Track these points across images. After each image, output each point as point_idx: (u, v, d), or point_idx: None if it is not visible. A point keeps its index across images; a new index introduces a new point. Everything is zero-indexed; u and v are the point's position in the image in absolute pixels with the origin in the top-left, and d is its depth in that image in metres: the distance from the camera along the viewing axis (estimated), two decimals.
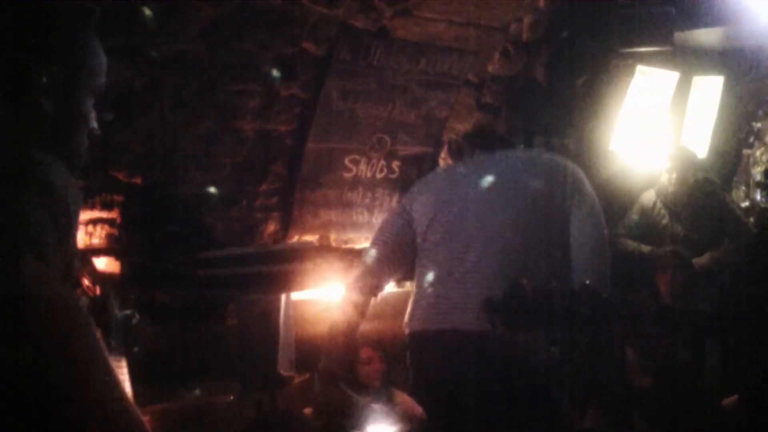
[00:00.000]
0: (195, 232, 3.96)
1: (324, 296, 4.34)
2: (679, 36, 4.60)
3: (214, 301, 4.13)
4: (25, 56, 1.35)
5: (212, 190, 4.00)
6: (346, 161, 4.34)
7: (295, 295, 4.20)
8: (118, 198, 3.72)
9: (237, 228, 4.11)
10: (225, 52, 3.71)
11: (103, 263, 3.77)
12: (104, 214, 3.72)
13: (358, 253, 4.48)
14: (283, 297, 4.13)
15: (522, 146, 3.89)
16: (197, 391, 4.02)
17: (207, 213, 4.00)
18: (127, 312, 2.68)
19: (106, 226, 3.76)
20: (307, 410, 3.86)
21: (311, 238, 4.32)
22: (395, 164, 4.52)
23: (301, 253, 4.12)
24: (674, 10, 4.42)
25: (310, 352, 4.10)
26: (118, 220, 3.76)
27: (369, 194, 4.47)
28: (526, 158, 3.12)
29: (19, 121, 1.35)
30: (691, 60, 4.90)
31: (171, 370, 3.86)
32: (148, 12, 3.31)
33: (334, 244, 4.37)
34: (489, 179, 2.90)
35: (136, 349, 2.66)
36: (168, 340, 3.91)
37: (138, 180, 3.72)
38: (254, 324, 3.94)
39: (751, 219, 4.92)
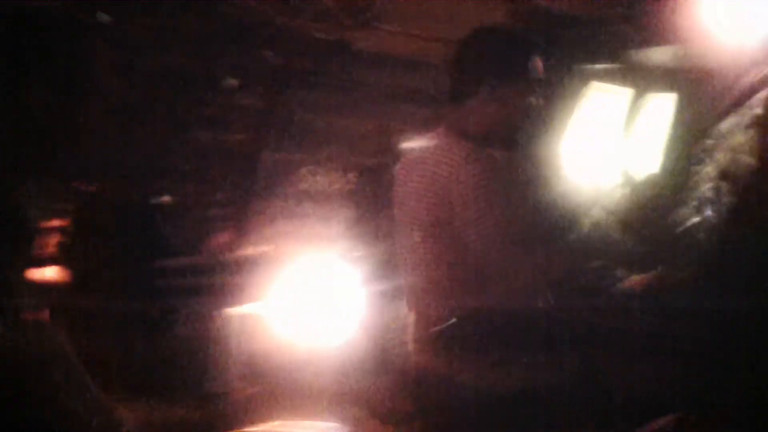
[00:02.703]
0: (147, 242, 3.91)
1: (276, 307, 4.33)
2: (634, 54, 4.65)
3: (165, 312, 4.08)
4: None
5: (166, 199, 3.95)
6: (303, 172, 4.31)
7: (248, 307, 4.17)
8: (70, 206, 3.65)
9: (190, 238, 4.06)
10: (181, 59, 3.67)
11: (52, 272, 3.71)
12: (55, 223, 3.65)
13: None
14: (236, 308, 4.09)
15: None
16: (144, 403, 3.97)
17: (160, 222, 3.95)
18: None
19: (58, 235, 3.69)
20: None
21: (265, 249, 4.28)
22: (351, 176, 4.50)
23: (255, 264, 4.09)
24: (630, 29, 4.47)
25: (260, 366, 4.08)
26: (70, 229, 3.69)
27: (324, 206, 4.45)
28: None
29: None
30: (645, 78, 4.96)
31: (118, 382, 3.80)
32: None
33: (287, 256, 4.33)
34: None
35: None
36: (110, 351, 3.85)
37: (91, 188, 3.66)
38: (204, 336, 3.90)
39: (701, 235, 4.99)
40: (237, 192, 4.15)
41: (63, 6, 2.75)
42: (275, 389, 3.98)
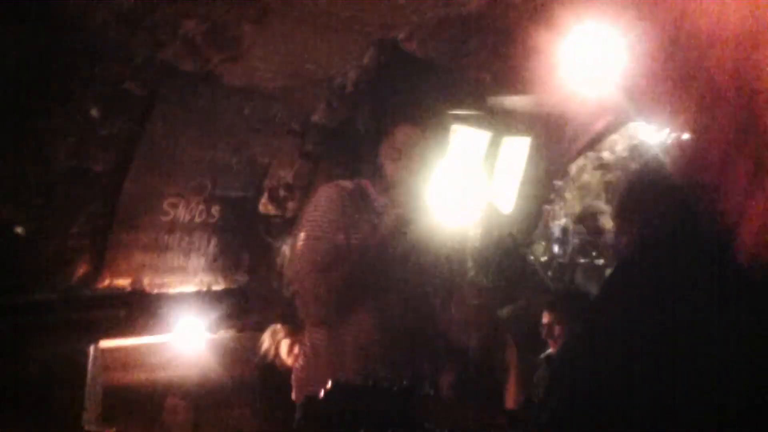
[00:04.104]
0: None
1: (135, 343, 4.25)
2: (492, 100, 4.85)
3: (16, 350, 3.93)
4: None
5: (19, 229, 3.81)
6: (165, 204, 4.25)
7: (104, 343, 4.08)
8: None
9: (45, 270, 3.93)
10: (42, 87, 3.56)
11: None
12: None
13: (173, 298, 4.42)
14: (91, 345, 3.99)
15: None
16: None
17: (12, 253, 3.80)
18: None
19: None
20: None
21: (124, 282, 4.20)
22: (215, 209, 4.47)
23: (111, 299, 4.01)
24: (488, 77, 4.66)
25: (118, 404, 3.99)
26: None
27: (186, 238, 4.40)
28: None
29: None
30: (502, 121, 5.17)
31: None
32: None
33: (147, 289, 4.27)
34: None
35: None
36: None
37: None
38: (59, 375, 3.79)
39: (549, 273, 5.23)
40: (97, 223, 4.04)
41: None
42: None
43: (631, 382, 1.46)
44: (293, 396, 2.89)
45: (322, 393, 2.57)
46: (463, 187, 4.95)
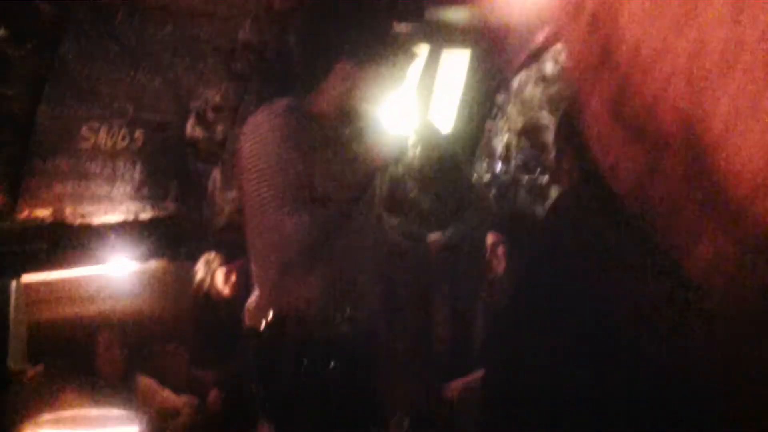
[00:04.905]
0: None
1: (61, 277, 4.07)
2: (430, 11, 4.64)
3: None
4: None
5: None
6: (84, 129, 4.01)
7: (27, 278, 3.89)
8: None
9: None
10: None
11: None
12: None
13: (98, 229, 4.22)
14: (13, 281, 3.81)
15: None
16: None
17: None
18: None
19: None
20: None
21: (44, 212, 3.98)
22: (138, 133, 4.24)
23: (31, 232, 3.81)
24: None
25: (44, 341, 3.83)
26: None
27: (109, 165, 4.17)
28: None
29: None
30: (440, 33, 4.96)
31: None
32: None
33: (69, 220, 4.05)
34: None
35: None
36: None
37: None
38: None
39: (493, 192, 5.11)
40: (9, 150, 3.81)
41: None
42: (61, 370, 3.76)
43: (579, 309, 1.44)
44: (245, 323, 2.65)
45: (267, 321, 2.43)
46: (401, 104, 4.77)
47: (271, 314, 2.43)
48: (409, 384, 3.87)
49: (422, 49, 4.81)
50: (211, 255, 4.39)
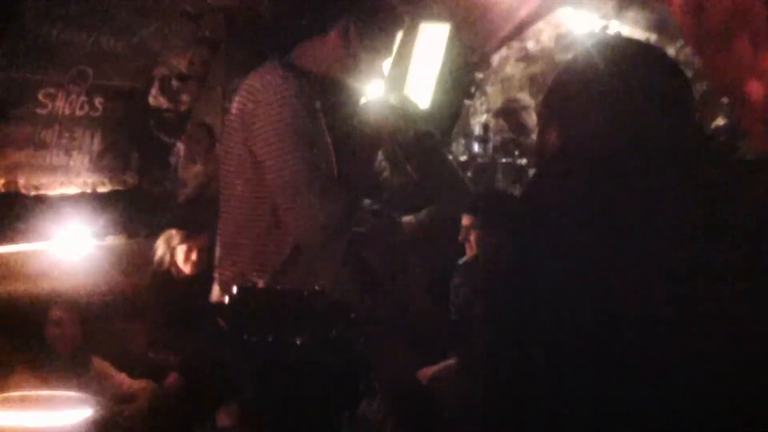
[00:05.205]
0: None
1: (12, 251, 3.88)
2: None
3: None
4: None
5: None
6: (40, 95, 3.80)
7: None
8: None
9: None
10: None
11: None
12: None
13: (53, 201, 4.01)
14: None
15: None
16: None
17: None
18: None
19: None
20: None
21: None
22: (98, 101, 4.03)
23: None
24: None
25: None
26: None
27: (67, 134, 3.96)
28: None
29: None
30: (418, 7, 4.78)
31: None
32: None
33: (23, 191, 3.85)
34: None
35: None
36: None
37: None
38: None
39: (469, 173, 4.96)
40: None
41: None
42: (11, 348, 3.57)
43: (556, 289, 1.38)
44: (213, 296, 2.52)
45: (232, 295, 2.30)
46: (376, 81, 4.60)
47: (236, 288, 2.30)
48: (388, 362, 3.75)
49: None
50: (172, 232, 4.20)
